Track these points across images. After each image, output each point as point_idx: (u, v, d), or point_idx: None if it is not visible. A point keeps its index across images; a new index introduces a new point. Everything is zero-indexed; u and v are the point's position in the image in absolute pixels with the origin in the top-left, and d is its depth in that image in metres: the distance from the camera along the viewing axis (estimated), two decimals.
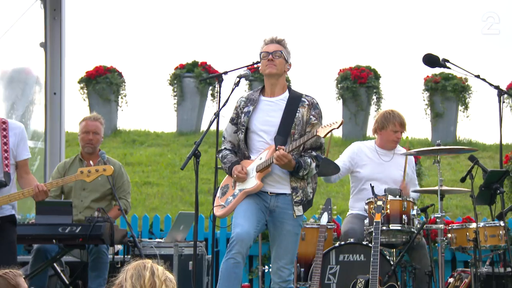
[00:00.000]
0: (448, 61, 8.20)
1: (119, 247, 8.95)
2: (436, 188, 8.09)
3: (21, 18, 9.56)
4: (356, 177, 8.92)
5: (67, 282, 8.66)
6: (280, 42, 7.45)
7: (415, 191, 8.90)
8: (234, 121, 7.49)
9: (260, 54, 7.44)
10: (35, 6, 9.50)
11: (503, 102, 8.89)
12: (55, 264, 8.52)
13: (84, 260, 8.65)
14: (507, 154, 11.20)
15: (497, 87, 8.26)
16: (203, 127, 15.85)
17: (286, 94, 7.39)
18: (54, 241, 8.26)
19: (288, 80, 9.01)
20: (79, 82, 15.39)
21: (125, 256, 8.99)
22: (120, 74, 15.90)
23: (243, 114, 7.42)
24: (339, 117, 8.06)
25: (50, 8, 9.59)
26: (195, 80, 15.62)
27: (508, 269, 8.33)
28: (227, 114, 7.74)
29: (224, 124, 7.76)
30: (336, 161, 8.94)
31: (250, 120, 7.38)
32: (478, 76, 8.37)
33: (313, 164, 7.22)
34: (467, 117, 15.72)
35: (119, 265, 7.99)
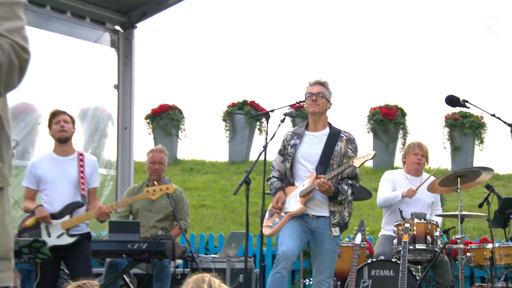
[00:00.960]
0: (467, 101, 8.14)
1: (179, 261, 8.86)
2: (457, 212, 8.04)
3: (98, 64, 9.76)
4: (394, 196, 8.77)
5: None
6: (323, 84, 7.45)
7: (438, 215, 8.82)
8: (282, 152, 7.48)
9: (305, 94, 7.43)
10: (110, 54, 9.67)
11: None
12: (124, 276, 8.58)
13: (149, 273, 8.69)
14: None
15: (510, 125, 8.15)
16: (251, 157, 16.02)
17: (327, 130, 7.38)
18: (124, 255, 8.31)
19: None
20: (146, 118, 15.55)
21: (185, 269, 8.97)
22: (180, 111, 16.01)
23: (289, 146, 7.41)
24: (372, 150, 7.99)
25: (123, 55, 9.73)
26: (244, 116, 15.69)
27: None
28: (273, 146, 7.70)
29: (271, 155, 7.74)
30: (382, 191, 8.87)
31: (296, 151, 7.36)
32: (493, 115, 8.27)
33: (349, 191, 7.22)
34: (482, 150, 15.55)
35: (180, 277, 8.13)
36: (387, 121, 15.28)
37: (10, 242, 2.51)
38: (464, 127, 14.76)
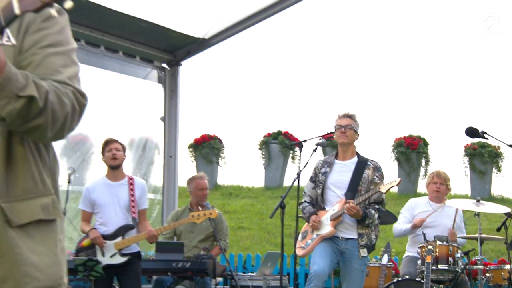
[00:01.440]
0: (485, 133, 8.12)
1: (219, 279, 8.88)
2: (477, 235, 8.01)
3: (146, 98, 9.89)
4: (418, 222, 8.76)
5: None
6: (351, 116, 7.48)
7: (461, 237, 8.71)
8: (313, 179, 7.51)
9: (334, 126, 7.46)
10: (157, 89, 9.82)
11: None
12: None
13: None
14: None
15: None
16: (285, 183, 15.96)
17: (355, 159, 7.42)
18: (169, 273, 8.35)
19: None
20: (189, 147, 15.61)
21: (225, 287, 9.01)
22: (220, 141, 16.08)
23: (320, 174, 7.45)
24: (397, 178, 8.01)
25: (169, 90, 9.82)
26: (279, 146, 15.68)
27: None
28: (305, 174, 7.72)
29: (303, 181, 7.77)
30: (400, 220, 8.87)
31: (326, 179, 7.39)
32: (510, 146, 8.28)
33: (376, 215, 7.24)
34: (501, 177, 15.54)
35: None
36: (411, 151, 15.24)
37: (61, 270, 2.47)
38: (483, 156, 14.72)
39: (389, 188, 7.30)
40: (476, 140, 13.27)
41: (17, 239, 2.31)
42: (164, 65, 9.97)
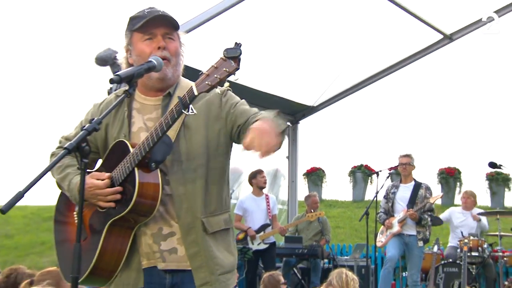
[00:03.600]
0: (502, 165, 8.27)
1: (325, 260, 8.96)
2: (497, 233, 7.98)
3: None
4: (452, 225, 8.71)
5: (300, 277, 8.82)
6: (409, 156, 7.54)
7: (487, 234, 8.59)
8: (386, 197, 7.60)
9: (398, 163, 7.55)
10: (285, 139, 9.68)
11: None
12: (294, 268, 8.75)
13: (308, 267, 8.84)
14: None
15: None
16: (366, 198, 15.48)
17: (413, 182, 7.47)
18: (293, 256, 8.57)
19: None
20: (303, 175, 15.07)
21: (329, 266, 8.84)
22: (323, 171, 15.70)
23: (391, 193, 7.55)
24: (440, 192, 8.05)
25: (291, 139, 9.63)
26: (362, 174, 15.32)
27: None
28: (381, 193, 7.82)
29: (379, 198, 7.82)
30: (442, 215, 8.77)
31: (395, 196, 7.48)
32: None
33: (429, 219, 7.30)
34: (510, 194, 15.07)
35: (326, 270, 8.29)
36: (449, 177, 14.85)
37: (235, 259, 2.36)
38: (498, 181, 14.32)
39: (435, 199, 7.37)
40: (494, 170, 12.91)
41: (210, 242, 2.24)
42: (288, 123, 9.68)
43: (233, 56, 1.96)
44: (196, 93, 1.99)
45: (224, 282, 2.23)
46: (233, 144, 2.37)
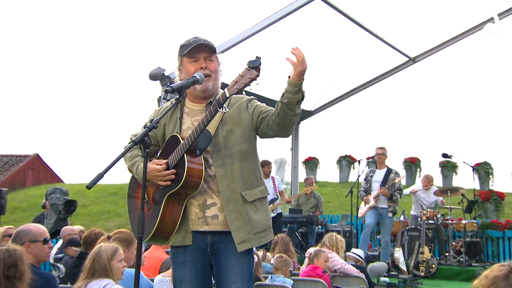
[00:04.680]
0: (451, 156, 8.03)
1: (319, 227, 8.65)
2: (448, 206, 7.77)
3: (285, 140, 8.96)
4: (415, 200, 8.43)
5: (300, 239, 8.53)
6: (383, 148, 7.39)
7: (440, 207, 8.25)
8: (365, 179, 7.46)
9: (374, 154, 7.42)
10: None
11: None
12: (296, 232, 8.56)
13: (307, 231, 8.64)
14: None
15: None
16: (350, 179, 14.39)
17: (385, 168, 7.33)
18: (295, 223, 8.42)
19: None
20: (303, 163, 14.00)
21: (323, 230, 8.48)
22: (317, 160, 14.56)
23: (369, 176, 7.42)
24: (402, 175, 7.63)
25: (294, 136, 9.32)
26: (347, 162, 14.38)
27: None
28: (362, 177, 7.58)
29: (361, 180, 7.56)
30: (405, 191, 8.26)
31: (372, 178, 7.37)
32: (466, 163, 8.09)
33: (398, 196, 7.22)
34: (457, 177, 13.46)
35: (321, 234, 8.02)
36: (412, 164, 13.38)
37: (269, 222, 2.30)
38: (448, 167, 12.92)
39: (399, 180, 7.22)
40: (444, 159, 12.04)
41: (248, 208, 2.20)
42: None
43: (254, 66, 1.99)
44: (227, 95, 2.02)
45: (259, 239, 2.21)
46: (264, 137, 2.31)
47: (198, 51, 2.22)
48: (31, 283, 2.26)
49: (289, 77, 2.02)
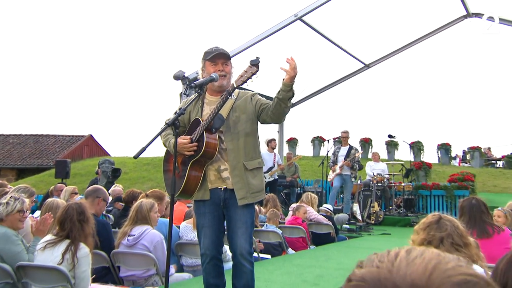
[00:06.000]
0: (394, 136, 7.87)
1: (298, 188, 8.29)
2: (392, 173, 7.75)
3: (273, 126, 8.61)
4: (368, 169, 7.97)
5: (284, 197, 8.09)
6: (346, 131, 7.19)
7: (385, 174, 7.88)
8: (333, 154, 7.24)
9: (340, 136, 7.24)
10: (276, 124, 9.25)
11: None
12: (281, 193, 8.04)
13: (289, 192, 8.24)
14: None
15: None
16: (321, 154, 13.58)
17: (348, 146, 7.13)
18: (281, 186, 7.99)
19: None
20: (286, 141, 13.19)
21: (300, 190, 8.11)
22: (297, 139, 13.82)
23: (336, 151, 7.23)
24: (360, 151, 7.43)
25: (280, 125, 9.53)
26: (318, 141, 13.82)
27: None
28: (330, 152, 7.38)
29: (329, 154, 7.37)
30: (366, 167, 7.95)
31: (338, 153, 7.14)
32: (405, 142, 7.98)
33: (357, 166, 7.08)
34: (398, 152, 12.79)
35: (299, 195, 7.58)
36: (366, 143, 12.89)
37: (263, 185, 2.22)
38: (392, 145, 12.23)
39: (358, 155, 7.07)
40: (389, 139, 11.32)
41: (248, 174, 2.17)
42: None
43: (255, 63, 2.01)
44: (235, 85, 2.05)
45: (254, 197, 2.20)
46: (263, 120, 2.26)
47: (218, 57, 2.23)
48: (93, 226, 2.36)
49: (283, 79, 2.02)
